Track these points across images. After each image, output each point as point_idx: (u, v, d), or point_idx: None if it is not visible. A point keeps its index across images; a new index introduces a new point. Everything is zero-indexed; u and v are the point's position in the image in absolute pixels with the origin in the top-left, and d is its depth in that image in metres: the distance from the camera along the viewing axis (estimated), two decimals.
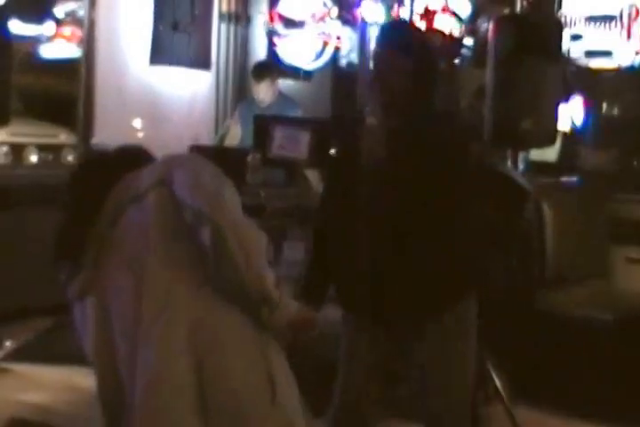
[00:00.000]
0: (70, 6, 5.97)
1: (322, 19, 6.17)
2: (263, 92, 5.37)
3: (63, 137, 6.69)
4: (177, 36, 6.16)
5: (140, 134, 5.94)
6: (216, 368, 1.84)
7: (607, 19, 4.89)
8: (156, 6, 5.99)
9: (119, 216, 1.94)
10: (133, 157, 2.10)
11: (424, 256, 2.36)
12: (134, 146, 2.18)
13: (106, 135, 5.70)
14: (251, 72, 5.79)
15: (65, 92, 6.13)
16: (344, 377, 2.56)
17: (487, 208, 3.50)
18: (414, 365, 2.51)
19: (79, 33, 5.83)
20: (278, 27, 6.28)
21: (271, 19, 6.35)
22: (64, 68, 6.09)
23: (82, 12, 5.76)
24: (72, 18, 5.95)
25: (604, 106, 5.51)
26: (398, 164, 2.38)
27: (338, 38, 6.15)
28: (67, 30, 5.99)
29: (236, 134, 5.39)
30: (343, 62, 6.37)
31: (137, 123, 5.94)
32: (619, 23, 4.85)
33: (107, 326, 1.97)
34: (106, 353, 1.99)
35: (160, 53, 6.05)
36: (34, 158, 6.57)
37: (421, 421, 2.72)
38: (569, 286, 4.16)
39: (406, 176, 2.37)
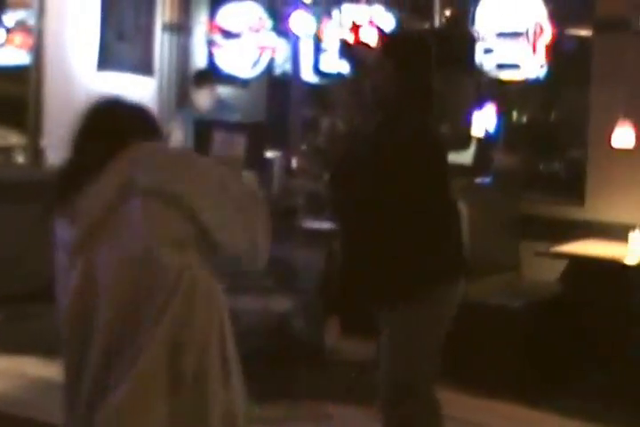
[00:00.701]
0: (20, 15, 5.83)
1: (258, 30, 6.12)
2: (203, 99, 5.30)
3: (14, 139, 6.49)
4: (122, 44, 6.06)
5: None
6: (187, 336, 1.68)
7: (515, 35, 4.93)
8: (102, 16, 5.89)
9: (120, 204, 1.74)
10: (144, 120, 1.92)
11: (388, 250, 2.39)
12: (145, 108, 1.98)
13: (55, 137, 5.56)
14: (192, 79, 5.70)
15: (15, 97, 5.96)
16: None
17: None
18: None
19: (29, 40, 5.68)
20: (217, 37, 6.24)
21: (211, 30, 6.30)
22: (14, 73, 5.92)
23: (31, 21, 5.62)
24: (22, 26, 5.81)
25: (514, 114, 5.57)
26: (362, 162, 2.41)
27: (273, 49, 6.10)
28: (17, 38, 5.84)
29: (177, 137, 5.28)
30: (278, 71, 6.34)
31: None
32: (525, 39, 4.89)
33: (86, 293, 1.78)
34: (80, 315, 1.82)
35: (106, 60, 5.94)
36: None
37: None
38: (484, 277, 4.18)
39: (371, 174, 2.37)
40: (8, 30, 5.83)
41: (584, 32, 4.89)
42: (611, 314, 3.83)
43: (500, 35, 4.98)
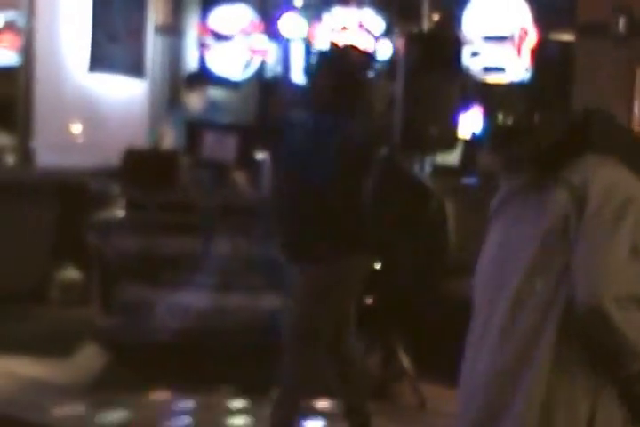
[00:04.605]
0: (10, 16, 5.84)
1: (249, 33, 6.19)
2: (194, 100, 5.35)
3: (3, 139, 6.53)
4: (114, 45, 6.10)
5: (78, 137, 5.86)
6: None
7: (501, 39, 5.04)
8: (93, 17, 5.92)
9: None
10: None
11: (311, 218, 2.92)
12: None
13: (45, 138, 5.61)
14: (183, 82, 5.77)
15: (5, 97, 5.95)
16: None
17: (396, 204, 3.60)
18: None
19: (18, 41, 5.70)
20: (209, 40, 6.28)
21: (202, 32, 6.35)
22: (3, 74, 5.93)
23: (21, 22, 5.63)
24: (11, 26, 5.82)
25: (499, 115, 5.67)
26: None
27: (264, 51, 6.18)
28: (6, 38, 5.86)
29: (168, 138, 5.36)
30: (269, 74, 6.40)
31: (75, 126, 5.85)
32: (511, 43, 5.01)
33: (498, 259, 1.68)
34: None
35: (98, 62, 5.98)
36: None
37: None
38: (469, 275, 4.28)
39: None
40: None
41: (567, 36, 5.03)
42: None
43: (487, 38, 5.10)
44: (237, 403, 3.64)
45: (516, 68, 5.02)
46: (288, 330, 3.04)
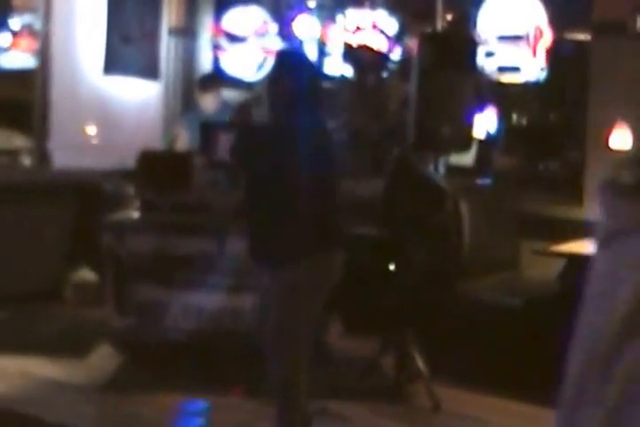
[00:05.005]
0: (26, 19, 5.88)
1: (262, 34, 6.20)
2: (208, 102, 5.36)
3: (20, 142, 6.58)
4: (128, 48, 6.12)
5: (93, 139, 5.89)
6: None
7: (516, 38, 5.01)
8: (108, 20, 5.95)
9: None
10: None
11: (275, 221, 2.95)
12: None
13: (60, 140, 5.64)
14: (197, 83, 5.78)
15: (21, 100, 6.00)
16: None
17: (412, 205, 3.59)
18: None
19: (34, 44, 5.74)
20: (222, 41, 6.28)
21: (216, 34, 6.36)
22: (20, 76, 5.98)
23: (37, 25, 5.67)
24: (28, 30, 5.86)
25: (514, 116, 5.65)
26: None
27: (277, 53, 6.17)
28: (23, 42, 5.90)
29: (183, 140, 5.38)
30: None
31: (90, 128, 5.87)
32: (526, 42, 4.99)
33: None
34: None
35: (113, 64, 5.99)
36: None
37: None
38: (483, 276, 4.26)
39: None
40: (14, 34, 5.89)
41: (582, 35, 4.98)
42: None
43: (501, 38, 5.07)
44: (250, 404, 3.64)
45: (531, 67, 4.99)
46: (275, 335, 3.03)
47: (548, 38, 4.95)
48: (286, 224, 2.95)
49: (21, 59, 5.93)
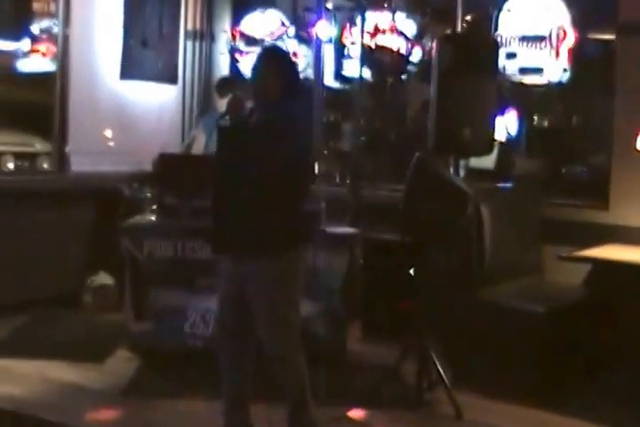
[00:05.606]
0: (45, 24, 5.95)
1: (280, 37, 6.20)
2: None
3: (38, 145, 6.62)
4: (146, 52, 6.13)
5: (112, 143, 5.90)
6: None
7: (538, 39, 4.97)
8: (126, 24, 5.97)
9: None
10: None
11: (255, 215, 2.98)
12: None
13: (79, 144, 5.67)
14: (215, 87, 5.79)
15: (40, 104, 6.04)
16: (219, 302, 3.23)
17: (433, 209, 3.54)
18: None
19: (54, 48, 5.79)
20: (240, 44, 6.30)
21: (233, 37, 6.37)
22: (39, 80, 6.02)
23: (56, 29, 5.70)
24: (47, 34, 5.93)
25: (536, 118, 5.60)
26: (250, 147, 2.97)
27: (295, 55, 6.18)
28: (42, 46, 5.97)
29: (201, 143, 5.38)
30: (300, 76, 6.38)
31: (108, 132, 5.89)
32: (548, 43, 4.94)
33: None
34: None
35: (130, 68, 6.01)
36: (11, 166, 6.50)
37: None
38: (506, 281, 4.20)
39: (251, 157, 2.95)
40: (33, 38, 5.96)
41: (607, 36, 4.92)
42: (635, 319, 3.84)
43: (523, 38, 5.02)
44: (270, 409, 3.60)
45: (553, 68, 4.94)
46: (275, 337, 3.06)
47: (571, 39, 4.90)
48: (267, 219, 2.98)
49: (40, 63, 5.99)
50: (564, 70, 4.94)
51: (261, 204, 2.98)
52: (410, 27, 5.69)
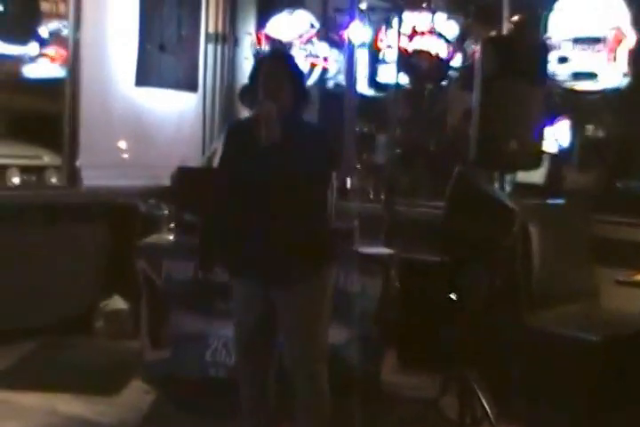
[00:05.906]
0: (54, 26, 5.99)
1: (309, 40, 6.27)
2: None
3: (47, 158, 6.74)
4: (164, 57, 6.20)
5: (126, 155, 5.99)
6: None
7: (593, 41, 4.99)
8: (142, 27, 6.05)
9: None
10: None
11: (283, 235, 3.05)
12: None
13: (91, 156, 5.74)
14: (238, 94, 5.87)
15: (49, 113, 6.14)
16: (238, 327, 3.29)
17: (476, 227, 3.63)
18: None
19: (64, 53, 5.86)
20: (265, 48, 6.32)
21: (258, 40, 6.41)
22: (48, 88, 6.12)
23: (66, 32, 5.78)
24: (56, 38, 5.98)
25: (590, 127, 5.61)
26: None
27: (325, 59, 6.26)
28: (51, 50, 6.02)
29: None
30: (331, 83, 6.48)
31: (122, 143, 5.96)
32: (604, 45, 4.96)
33: None
34: None
35: (146, 74, 6.09)
36: (16, 180, 6.64)
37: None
38: (558, 306, 4.23)
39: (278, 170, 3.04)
40: (42, 42, 5.99)
41: None
42: None
43: (576, 41, 5.05)
44: None
45: (610, 73, 4.98)
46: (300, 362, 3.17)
47: (631, 40, 4.92)
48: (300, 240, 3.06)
49: (49, 69, 6.06)
50: (624, 75, 4.96)
51: (284, 220, 3.05)
52: (451, 28, 5.74)
